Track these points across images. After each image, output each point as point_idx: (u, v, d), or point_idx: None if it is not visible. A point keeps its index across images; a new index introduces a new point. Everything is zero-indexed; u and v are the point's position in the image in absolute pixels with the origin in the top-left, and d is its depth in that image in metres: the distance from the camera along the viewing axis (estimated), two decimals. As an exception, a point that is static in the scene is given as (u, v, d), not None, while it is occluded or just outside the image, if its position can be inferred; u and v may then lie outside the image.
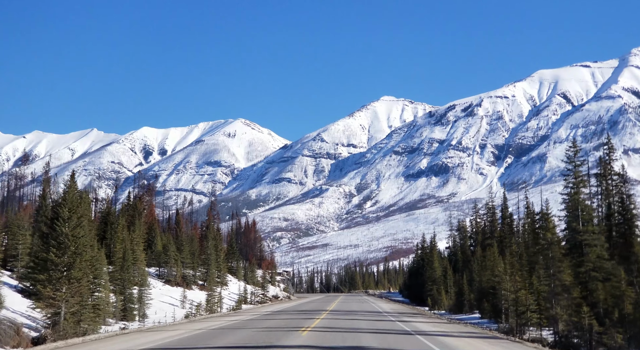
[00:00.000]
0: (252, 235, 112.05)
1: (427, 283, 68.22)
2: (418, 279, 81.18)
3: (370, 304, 65.72)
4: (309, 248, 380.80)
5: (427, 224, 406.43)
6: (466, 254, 68.13)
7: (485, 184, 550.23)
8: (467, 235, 72.65)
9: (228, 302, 57.34)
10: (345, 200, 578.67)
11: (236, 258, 78.72)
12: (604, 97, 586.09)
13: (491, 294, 44.09)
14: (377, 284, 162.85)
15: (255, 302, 65.30)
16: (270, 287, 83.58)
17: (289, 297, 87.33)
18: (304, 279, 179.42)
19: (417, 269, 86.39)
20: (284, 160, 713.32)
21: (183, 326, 33.27)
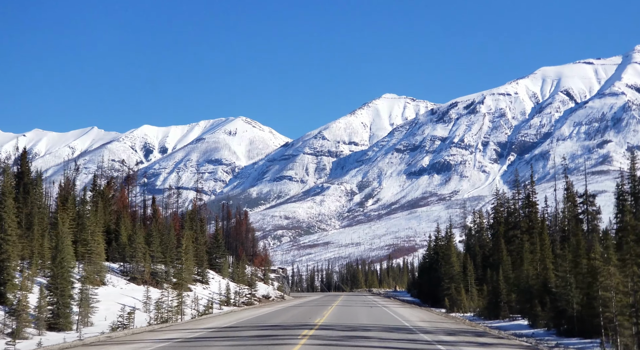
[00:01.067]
0: (243, 229, 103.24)
1: (444, 280, 57.92)
2: (431, 277, 72.00)
3: (382, 309, 50.14)
4: (310, 246, 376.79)
5: (430, 222, 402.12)
6: (486, 248, 61.58)
7: (487, 182, 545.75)
8: (484, 228, 66.91)
9: (206, 302, 48.99)
10: (347, 198, 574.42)
11: (221, 253, 69.52)
12: (607, 94, 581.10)
13: (549, 294, 34.56)
14: (381, 282, 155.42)
15: (240, 303, 55.47)
16: (260, 286, 74.99)
17: (282, 297, 78.84)
18: (304, 277, 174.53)
19: (430, 265, 77.50)
20: (285, 158, 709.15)
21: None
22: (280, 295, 79.46)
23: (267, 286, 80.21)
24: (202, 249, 59.85)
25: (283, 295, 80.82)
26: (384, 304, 63.68)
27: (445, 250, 64.16)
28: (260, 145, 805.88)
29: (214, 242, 70.64)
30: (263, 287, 76.62)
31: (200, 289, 53.65)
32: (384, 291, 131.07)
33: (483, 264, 57.48)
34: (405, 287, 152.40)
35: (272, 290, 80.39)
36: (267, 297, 70.17)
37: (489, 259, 57.79)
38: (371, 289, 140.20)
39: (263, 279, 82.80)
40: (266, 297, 69.59)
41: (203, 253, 59.31)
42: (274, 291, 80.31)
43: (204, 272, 57.90)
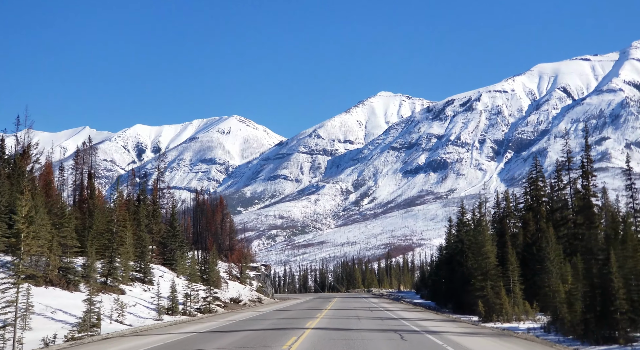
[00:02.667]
0: (218, 218, 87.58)
1: (475, 278, 40.68)
2: (452, 273, 55.47)
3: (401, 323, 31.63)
4: (304, 246, 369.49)
5: (426, 220, 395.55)
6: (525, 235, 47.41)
7: (484, 180, 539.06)
8: (511, 211, 52.09)
9: (143, 309, 35.90)
10: (342, 197, 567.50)
11: (178, 244, 55.34)
12: (605, 91, 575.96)
13: None
14: (380, 282, 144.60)
15: (192, 310, 40.15)
16: (234, 287, 62.35)
17: (259, 301, 64.54)
18: (296, 277, 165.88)
19: (450, 258, 59.07)
20: (280, 157, 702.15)
21: None
22: (257, 298, 65.61)
23: (244, 286, 67.38)
24: (146, 239, 46.17)
25: (261, 298, 66.41)
26: (394, 309, 47.91)
27: (475, 236, 47.04)
28: (254, 144, 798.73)
29: (170, 231, 56.09)
30: (237, 287, 63.68)
31: (139, 290, 40.54)
32: (387, 291, 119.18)
33: (522, 255, 44.39)
34: (410, 287, 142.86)
35: (249, 291, 66.99)
36: (237, 301, 56.22)
37: (532, 247, 44.57)
38: (370, 289, 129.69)
39: (240, 277, 70.17)
40: (235, 301, 55.85)
41: (146, 243, 45.61)
42: (251, 293, 66.68)
43: (146, 268, 44.03)
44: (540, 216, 47.67)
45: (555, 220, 45.94)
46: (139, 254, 44.26)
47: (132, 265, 43.32)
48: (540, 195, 49.61)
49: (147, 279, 43.87)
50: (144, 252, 44.73)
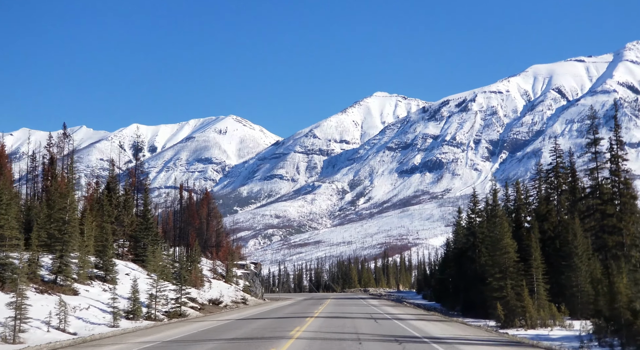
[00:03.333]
0: (204, 212, 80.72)
1: (493, 275, 34.67)
2: (461, 272, 49.48)
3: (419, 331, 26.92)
4: (300, 245, 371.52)
5: (422, 220, 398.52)
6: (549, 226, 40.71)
7: (479, 180, 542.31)
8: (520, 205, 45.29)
9: (98, 313, 30.61)
10: (338, 197, 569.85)
11: (151, 238, 48.35)
12: (599, 92, 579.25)
13: None
14: (378, 281, 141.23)
15: (155, 316, 34.12)
16: (217, 286, 56.18)
17: (244, 302, 57.76)
18: (291, 276, 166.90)
19: (460, 254, 52.20)
20: (276, 156, 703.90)
21: None
22: (242, 298, 58.53)
23: (229, 286, 61.35)
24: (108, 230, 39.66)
25: (246, 299, 59.13)
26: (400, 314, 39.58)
27: (489, 228, 41.30)
28: (250, 143, 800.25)
29: (142, 223, 49.18)
30: (221, 287, 57.49)
31: (98, 290, 34.35)
32: (385, 291, 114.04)
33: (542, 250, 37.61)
34: (409, 287, 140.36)
35: (234, 291, 60.11)
36: (217, 303, 49.55)
37: (554, 242, 39.33)
38: (366, 288, 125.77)
39: (226, 276, 64.71)
40: (215, 303, 49.21)
41: (109, 235, 38.85)
42: (236, 293, 59.88)
43: (108, 264, 37.81)
44: (561, 206, 42.57)
45: (579, 211, 40.36)
46: (101, 248, 38.35)
47: (94, 261, 37.95)
48: (561, 183, 43.80)
49: (109, 277, 37.67)
50: (105, 246, 38.03)
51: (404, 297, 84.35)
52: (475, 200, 52.43)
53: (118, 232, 49.30)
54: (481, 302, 38.70)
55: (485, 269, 37.61)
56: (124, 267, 43.41)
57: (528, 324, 31.32)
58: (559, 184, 44.11)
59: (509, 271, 34.18)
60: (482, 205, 51.35)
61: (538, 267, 34.61)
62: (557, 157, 45.07)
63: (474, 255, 46.34)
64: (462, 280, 48.95)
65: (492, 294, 34.41)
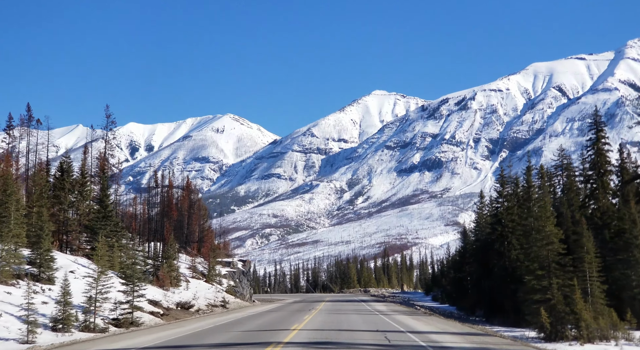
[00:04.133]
0: (185, 204, 73.67)
1: (532, 272, 27.28)
2: (485, 269, 42.04)
3: None
4: (298, 245, 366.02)
5: (421, 219, 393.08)
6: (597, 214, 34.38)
7: (479, 179, 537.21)
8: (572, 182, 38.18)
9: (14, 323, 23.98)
10: (336, 196, 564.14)
11: (111, 229, 42.02)
12: (600, 90, 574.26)
13: None
14: (378, 281, 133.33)
15: (95, 325, 27.19)
16: (195, 286, 50.04)
17: (224, 305, 49.81)
18: (287, 276, 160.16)
19: (482, 247, 44.39)
20: (274, 155, 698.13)
21: None
22: (222, 301, 50.28)
23: (210, 286, 54.57)
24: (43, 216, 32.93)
25: (226, 302, 50.76)
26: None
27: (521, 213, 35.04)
28: (248, 142, 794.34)
29: (99, 212, 43.12)
30: (201, 287, 51.05)
31: (24, 293, 24.92)
32: (389, 292, 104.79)
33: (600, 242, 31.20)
34: (413, 287, 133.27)
35: (214, 292, 52.62)
36: (187, 307, 41.12)
37: (602, 231, 32.57)
38: (367, 289, 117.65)
39: (207, 275, 58.07)
40: (184, 307, 40.78)
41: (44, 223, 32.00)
42: (216, 294, 52.08)
43: (42, 259, 31.10)
44: (605, 190, 36.05)
45: (634, 194, 33.54)
46: (36, 238, 31.93)
47: (28, 255, 31.85)
48: (605, 162, 36.72)
49: (44, 275, 31.02)
50: (40, 237, 31.53)
51: (411, 299, 75.18)
52: (502, 180, 42.60)
53: (72, 222, 42.67)
54: (512, 306, 31.86)
55: (517, 264, 31.15)
56: (71, 262, 36.00)
57: (584, 337, 23.96)
58: (602, 163, 36.18)
59: (553, 267, 26.42)
60: (510, 188, 42.30)
61: (592, 262, 26.72)
62: (597, 131, 37.82)
63: (501, 248, 38.84)
64: (486, 279, 41.26)
65: (530, 296, 26.91)
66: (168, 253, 46.86)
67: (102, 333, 26.96)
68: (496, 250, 39.75)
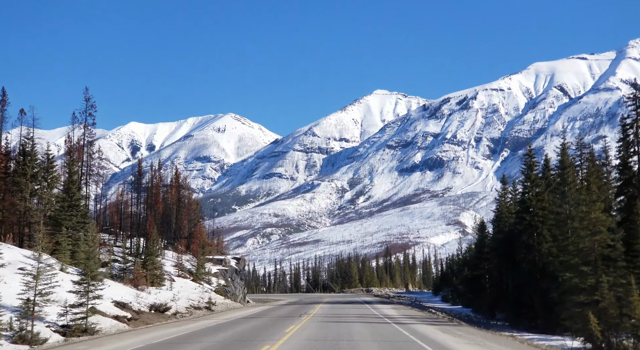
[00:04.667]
0: (173, 196, 68.44)
1: (573, 267, 23.03)
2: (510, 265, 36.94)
3: None
4: (299, 244, 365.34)
5: (423, 218, 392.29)
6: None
7: (481, 178, 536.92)
8: None
9: None
10: (338, 196, 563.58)
11: (78, 220, 37.95)
12: (602, 90, 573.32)
13: None
14: (381, 280, 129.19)
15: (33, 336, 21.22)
16: (178, 285, 45.78)
17: (209, 307, 43.68)
18: (287, 276, 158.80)
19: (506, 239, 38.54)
20: (275, 155, 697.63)
21: None
22: (207, 302, 44.23)
23: (197, 286, 49.80)
24: None
25: (212, 304, 44.50)
26: None
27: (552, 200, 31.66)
28: (249, 142, 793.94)
29: (65, 200, 38.62)
30: (187, 287, 46.76)
31: None
32: (393, 292, 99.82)
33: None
34: (418, 286, 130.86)
35: (200, 292, 47.24)
36: (163, 310, 35.52)
37: None
38: (369, 288, 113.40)
39: (195, 273, 53.28)
40: (159, 310, 35.20)
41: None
42: (202, 294, 46.65)
43: None
44: None
45: None
46: None
47: None
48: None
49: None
50: None
51: (418, 300, 68.99)
52: (530, 161, 35.89)
53: (35, 213, 38.19)
54: (543, 308, 27.96)
55: (549, 259, 27.28)
56: (25, 258, 31.13)
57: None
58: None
59: (600, 262, 21.95)
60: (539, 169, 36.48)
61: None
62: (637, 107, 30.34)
63: (530, 240, 33.30)
64: (511, 276, 35.86)
65: (570, 297, 22.64)
66: (151, 249, 42.55)
67: (39, 345, 21.32)
68: (524, 243, 34.22)
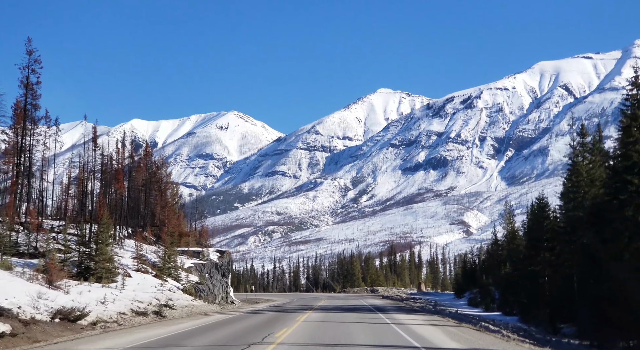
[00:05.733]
0: (138, 176, 60.33)
1: None
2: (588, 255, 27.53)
3: None
4: (301, 243, 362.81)
5: (426, 218, 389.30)
6: None
7: (485, 178, 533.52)
8: None
9: None
10: (341, 194, 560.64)
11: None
12: (607, 89, 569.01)
13: None
14: (386, 279, 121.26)
15: None
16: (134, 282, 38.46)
17: (159, 313, 33.18)
18: (287, 274, 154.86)
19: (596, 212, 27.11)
20: (278, 153, 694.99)
21: None
22: (159, 305, 34.78)
23: (159, 282, 41.19)
24: None
25: (164, 308, 34.36)
26: None
27: None
28: (252, 140, 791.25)
29: None
30: (145, 284, 39.27)
31: None
32: (407, 293, 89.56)
33: None
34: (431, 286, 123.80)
35: (158, 292, 38.66)
36: (74, 318, 25.44)
37: None
38: (374, 288, 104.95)
39: (161, 267, 45.30)
40: (70, 318, 25.18)
41: None
42: (158, 294, 37.90)
43: None
44: None
45: None
46: None
47: None
48: None
49: None
50: None
51: (439, 303, 56.04)
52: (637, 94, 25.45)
53: None
54: None
55: None
56: None
57: None
58: None
59: None
60: None
61: None
62: None
63: (637, 214, 23.48)
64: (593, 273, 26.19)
65: None
66: (101, 237, 35.21)
67: None
68: (625, 222, 24.25)
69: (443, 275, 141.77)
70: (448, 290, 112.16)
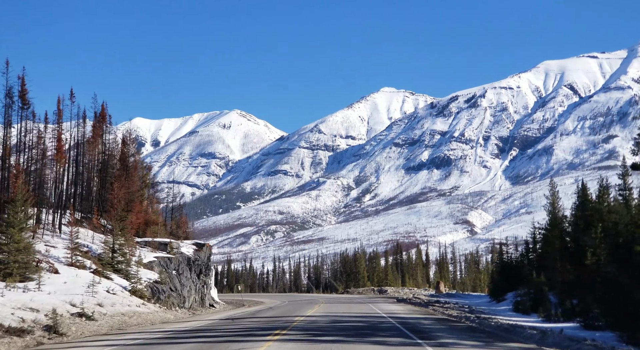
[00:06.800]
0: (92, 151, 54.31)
1: None
2: None
3: None
4: (304, 242, 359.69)
5: (430, 217, 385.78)
6: None
7: (489, 177, 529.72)
8: None
9: None
10: (343, 194, 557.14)
11: None
12: (612, 89, 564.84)
13: None
14: (396, 279, 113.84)
15: None
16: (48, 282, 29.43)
17: (50, 328, 22.13)
18: (287, 273, 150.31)
19: None
20: (280, 152, 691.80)
21: None
22: (59, 318, 23.73)
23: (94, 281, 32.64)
24: None
25: (63, 323, 23.91)
26: None
27: None
28: (255, 138, 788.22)
29: None
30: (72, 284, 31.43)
31: None
32: (427, 295, 75.39)
33: None
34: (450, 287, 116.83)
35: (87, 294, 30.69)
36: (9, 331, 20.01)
37: None
38: (382, 288, 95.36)
39: (109, 264, 38.39)
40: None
41: None
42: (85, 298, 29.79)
43: None
44: None
45: None
46: None
47: None
48: None
49: None
50: None
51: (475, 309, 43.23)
52: None
53: None
54: None
55: None
56: None
57: None
58: None
59: None
60: None
61: None
62: None
63: None
64: None
65: None
66: (13, 218, 27.90)
67: None
68: None
69: (453, 274, 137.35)
70: (466, 290, 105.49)
